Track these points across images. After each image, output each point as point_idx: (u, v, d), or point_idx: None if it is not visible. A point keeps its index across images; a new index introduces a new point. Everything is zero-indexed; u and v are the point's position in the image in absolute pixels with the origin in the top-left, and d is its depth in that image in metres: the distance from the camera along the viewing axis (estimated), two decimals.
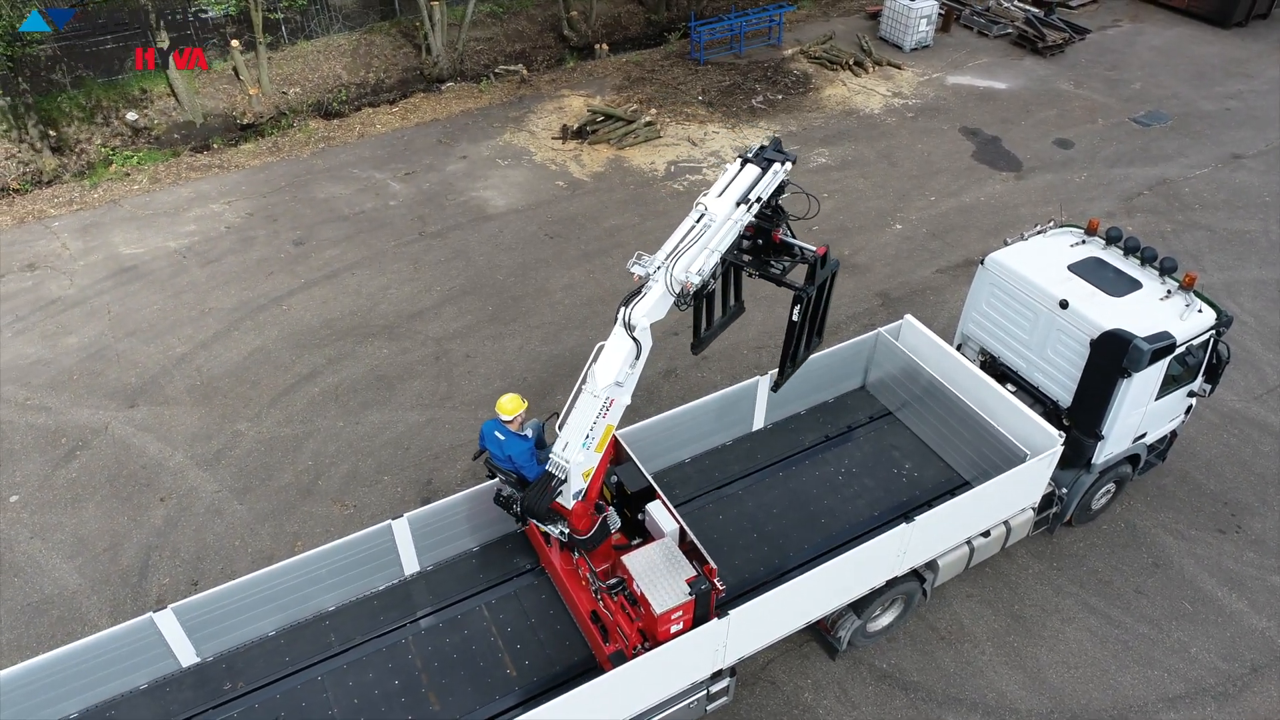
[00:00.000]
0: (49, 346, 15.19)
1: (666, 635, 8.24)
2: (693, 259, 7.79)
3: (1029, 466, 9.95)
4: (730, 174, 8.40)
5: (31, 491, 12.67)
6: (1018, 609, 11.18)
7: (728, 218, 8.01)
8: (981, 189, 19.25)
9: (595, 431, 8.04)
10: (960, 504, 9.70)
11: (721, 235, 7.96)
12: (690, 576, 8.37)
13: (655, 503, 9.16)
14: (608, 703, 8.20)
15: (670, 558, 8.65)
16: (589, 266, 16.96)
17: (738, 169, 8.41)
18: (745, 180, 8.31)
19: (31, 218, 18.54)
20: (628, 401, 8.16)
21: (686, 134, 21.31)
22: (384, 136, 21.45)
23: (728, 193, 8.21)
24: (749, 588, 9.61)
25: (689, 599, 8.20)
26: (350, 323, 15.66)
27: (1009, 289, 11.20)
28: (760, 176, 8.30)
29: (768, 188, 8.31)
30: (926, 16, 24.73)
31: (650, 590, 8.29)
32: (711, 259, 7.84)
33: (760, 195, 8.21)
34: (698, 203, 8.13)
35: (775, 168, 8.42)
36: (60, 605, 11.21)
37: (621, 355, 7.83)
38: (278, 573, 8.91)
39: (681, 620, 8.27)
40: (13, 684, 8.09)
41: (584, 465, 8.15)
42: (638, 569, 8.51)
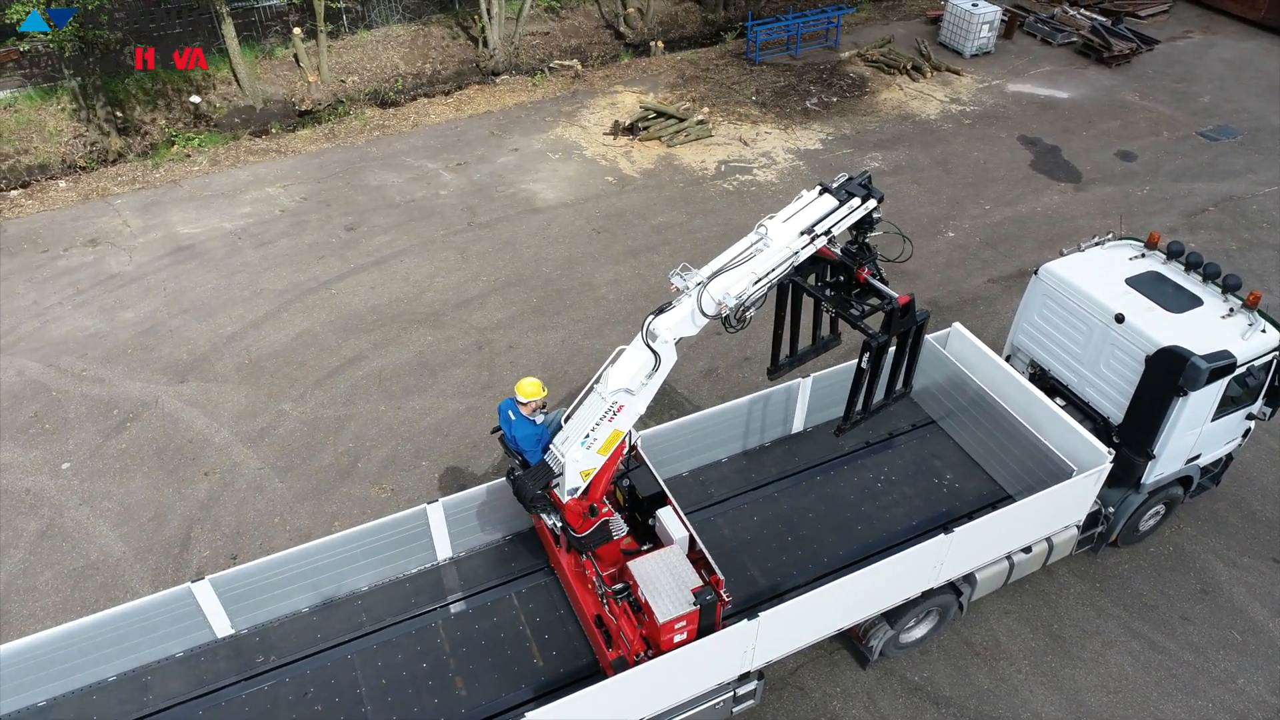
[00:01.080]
0: (106, 320, 15.58)
1: (670, 645, 8.09)
2: (734, 281, 7.46)
3: (1075, 483, 9.69)
4: (804, 201, 7.97)
5: (83, 460, 13.01)
6: (1057, 629, 10.91)
7: (785, 245, 7.64)
8: (1038, 199, 18.83)
9: (598, 433, 7.86)
10: (1002, 517, 9.49)
11: (772, 262, 7.58)
12: (696, 586, 8.18)
13: (666, 509, 8.94)
14: (632, 699, 8.16)
15: (677, 566, 8.43)
16: (635, 263, 16.93)
17: (814, 197, 7.98)
18: (817, 210, 7.87)
19: (95, 195, 19.05)
20: (641, 410, 7.91)
21: (738, 134, 21.18)
22: (437, 127, 21.66)
23: (795, 219, 7.81)
24: (781, 591, 9.50)
25: (693, 609, 8.02)
26: (397, 309, 15.83)
27: (1063, 301, 10.92)
28: (835, 209, 7.86)
29: (841, 223, 7.88)
30: (989, 22, 24.27)
31: (654, 598, 8.10)
32: (754, 284, 7.47)
33: (830, 229, 7.78)
34: (761, 223, 7.76)
35: (854, 202, 7.94)
36: (105, 571, 11.49)
37: (638, 364, 7.61)
38: (313, 550, 9.02)
39: (686, 630, 8.10)
40: (54, 645, 8.31)
41: (582, 464, 8.00)
42: (643, 575, 8.31)
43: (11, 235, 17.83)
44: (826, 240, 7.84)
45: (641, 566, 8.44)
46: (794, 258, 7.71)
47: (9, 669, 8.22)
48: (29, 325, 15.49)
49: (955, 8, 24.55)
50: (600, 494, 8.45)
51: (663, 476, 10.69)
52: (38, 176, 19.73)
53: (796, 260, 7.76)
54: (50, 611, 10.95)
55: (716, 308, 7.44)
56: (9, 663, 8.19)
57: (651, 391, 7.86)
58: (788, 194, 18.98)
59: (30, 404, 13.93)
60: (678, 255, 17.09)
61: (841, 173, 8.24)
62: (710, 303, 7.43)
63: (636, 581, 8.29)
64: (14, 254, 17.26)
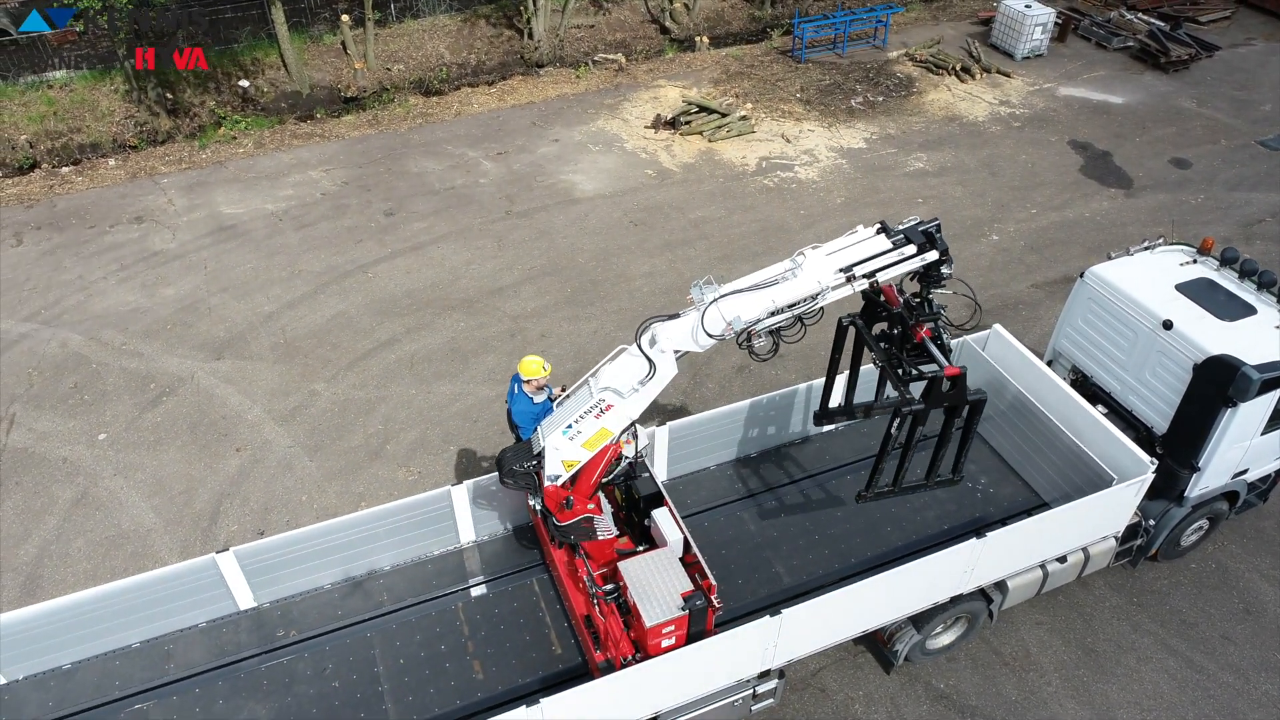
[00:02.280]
0: (147, 296, 15.82)
1: (657, 649, 7.88)
2: (747, 305, 7.10)
3: (1115, 492, 9.38)
4: (855, 237, 7.45)
5: (119, 431, 13.20)
6: (1090, 642, 10.59)
7: (816, 279, 7.19)
8: (1087, 205, 18.38)
9: (583, 426, 7.68)
10: (1037, 524, 9.22)
11: (796, 294, 7.15)
12: (687, 591, 7.95)
13: (661, 510, 8.68)
14: (650, 690, 8.05)
15: (669, 569, 8.20)
16: (671, 256, 16.81)
17: (868, 234, 7.42)
18: (865, 250, 7.36)
19: (143, 173, 19.37)
20: (633, 415, 7.70)
21: (781, 130, 20.95)
22: (480, 116, 21.71)
23: (838, 255, 7.35)
24: (805, 590, 9.32)
25: (682, 614, 7.81)
26: (431, 294, 15.87)
27: (1109, 305, 10.60)
28: (885, 252, 7.33)
29: (889, 270, 7.38)
30: (1042, 24, 23.77)
31: (643, 601, 7.88)
32: (770, 313, 7.07)
33: (874, 273, 7.29)
34: (801, 251, 7.39)
35: (907, 250, 7.31)
36: (135, 541, 11.63)
37: (632, 368, 7.38)
38: (337, 527, 9.03)
39: (674, 635, 7.89)
40: (83, 608, 8.40)
41: (563, 453, 7.86)
42: (634, 577, 8.10)
43: (61, 210, 18.19)
44: (868, 284, 7.32)
45: (632, 568, 8.21)
46: (822, 295, 7.21)
47: (36, 630, 8.32)
48: (73, 298, 15.77)
49: (1008, 9, 24.08)
50: (587, 490, 8.24)
51: (688, 470, 10.65)
52: (89, 155, 20.11)
53: (825, 299, 7.29)
54: (81, 578, 11.10)
55: (723, 328, 7.05)
56: (37, 624, 8.29)
57: (644, 399, 7.57)
58: (829, 192, 18.75)
59: (71, 375, 14.17)
60: (715, 250, 16.96)
61: (913, 216, 7.68)
62: (717, 322, 7.05)
63: (626, 583, 8.07)
64: (62, 229, 17.59)
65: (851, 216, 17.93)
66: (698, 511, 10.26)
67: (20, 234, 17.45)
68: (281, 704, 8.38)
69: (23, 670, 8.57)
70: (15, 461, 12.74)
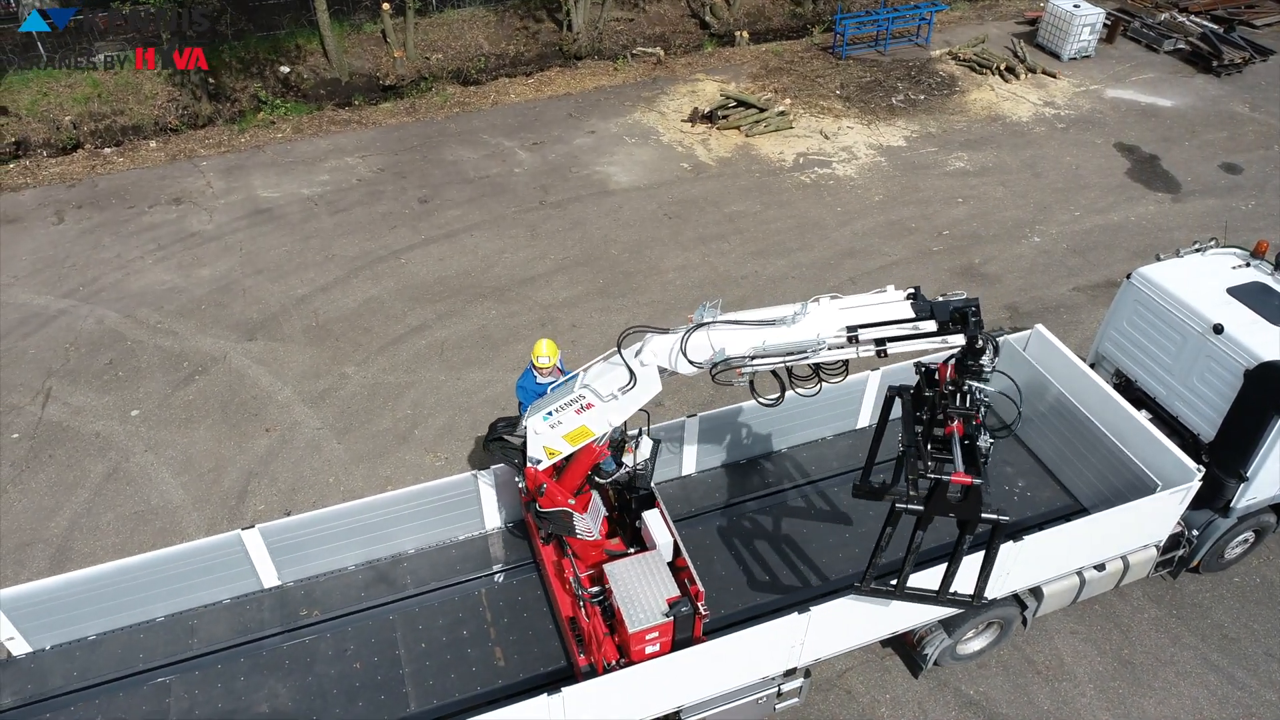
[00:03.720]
0: (184, 276, 15.94)
1: (641, 655, 7.65)
2: (735, 340, 6.62)
3: (1158, 499, 9.09)
4: (881, 297, 6.69)
5: (151, 408, 13.29)
6: (1127, 654, 10.28)
7: (816, 332, 6.51)
8: (1132, 208, 17.94)
9: (564, 418, 7.43)
10: (1075, 529, 8.96)
11: (788, 342, 6.59)
12: (673, 597, 7.70)
13: (652, 511, 8.42)
14: (672, 682, 7.91)
15: (657, 573, 7.96)
16: (704, 250, 16.65)
17: (895, 297, 6.63)
18: (880, 313, 6.59)
19: (183, 155, 19.55)
20: (614, 421, 7.40)
21: (819, 127, 20.70)
22: (516, 106, 21.68)
23: (850, 312, 6.61)
24: (834, 588, 9.12)
25: (666, 620, 7.55)
26: (463, 282, 15.84)
27: (1156, 308, 10.29)
28: (903, 322, 6.57)
29: (900, 341, 6.62)
30: (1091, 25, 23.28)
31: (627, 605, 7.64)
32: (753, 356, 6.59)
33: (883, 340, 6.57)
34: (816, 298, 6.72)
35: (925, 325, 6.47)
36: (163, 517, 11.69)
37: (613, 375, 7.09)
38: (363, 508, 8.98)
39: (659, 642, 7.66)
40: (110, 580, 8.41)
41: (543, 439, 7.64)
42: (620, 580, 7.86)
43: (102, 190, 18.40)
44: (874, 351, 6.54)
45: (619, 570, 7.97)
46: (818, 350, 6.57)
47: (64, 600, 8.36)
48: (111, 276, 15.94)
49: (1055, 8, 23.61)
50: (572, 486, 8.04)
51: (719, 461, 10.49)
52: (131, 136, 20.34)
53: (820, 355, 6.64)
54: (110, 551, 11.17)
55: (708, 356, 6.63)
56: (64, 594, 8.32)
57: (624, 408, 7.24)
58: (867, 190, 18.48)
59: (107, 351, 14.30)
60: (749, 245, 16.77)
61: (959, 292, 6.74)
62: (703, 349, 6.66)
63: (610, 586, 7.85)
64: (103, 208, 17.79)
65: (889, 215, 17.67)
66: (727, 505, 10.11)
67: (61, 212, 17.68)
68: (302, 683, 8.34)
69: (50, 640, 8.62)
70: (50, 435, 12.87)
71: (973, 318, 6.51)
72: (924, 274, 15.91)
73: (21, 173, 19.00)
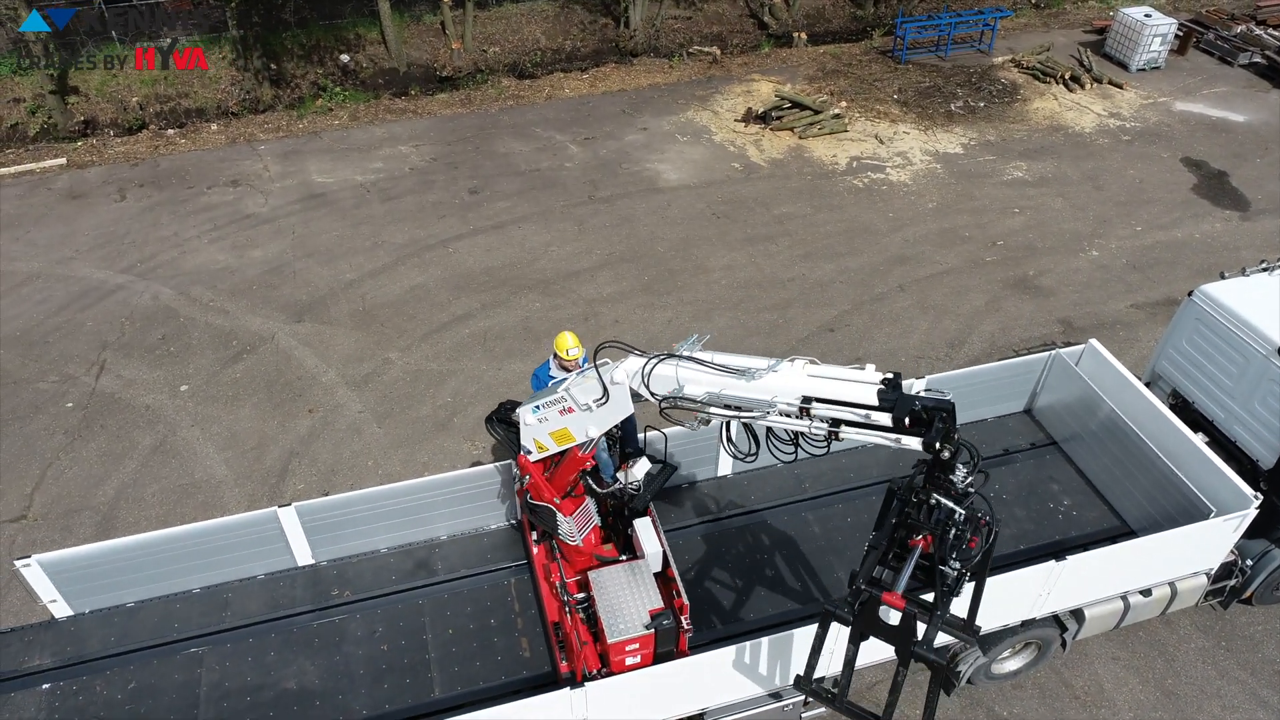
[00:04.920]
0: (237, 256, 16.24)
1: (621, 666, 7.47)
2: (696, 379, 6.30)
3: (1211, 525, 8.74)
4: (853, 375, 5.98)
5: (199, 384, 13.55)
6: (1170, 684, 9.93)
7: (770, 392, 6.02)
8: (1197, 225, 17.38)
9: (549, 414, 7.26)
10: (1123, 551, 8.66)
11: (741, 395, 6.16)
12: (656, 609, 7.51)
13: (644, 520, 8.23)
14: (697, 684, 7.82)
15: (643, 584, 7.79)
16: (751, 250, 16.50)
17: (870, 377, 5.92)
18: (842, 391, 5.93)
19: (243, 139, 19.94)
20: (591, 433, 7.18)
21: (875, 131, 20.40)
22: (570, 101, 21.72)
23: (814, 381, 6.01)
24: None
25: (647, 633, 7.36)
26: (509, 273, 15.90)
27: (1218, 327, 9.92)
28: (860, 408, 5.86)
29: (858, 433, 5.97)
30: (1162, 35, 22.61)
31: (609, 615, 7.49)
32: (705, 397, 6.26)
33: (836, 422, 5.98)
34: (794, 358, 6.21)
35: (878, 417, 5.78)
36: (206, 491, 11.91)
37: (589, 386, 6.92)
38: (398, 491, 9.03)
39: (640, 654, 7.48)
40: (150, 548, 8.57)
41: (532, 431, 7.48)
42: (604, 588, 7.71)
43: (163, 170, 18.84)
44: (826, 429, 5.98)
45: (604, 578, 7.83)
46: (764, 414, 6.11)
47: (105, 567, 8.54)
48: (168, 254, 16.30)
49: (1125, 18, 22.98)
50: (560, 487, 7.88)
51: (754, 466, 10.32)
52: (194, 119, 20.82)
53: (772, 419, 6.17)
54: (153, 522, 11.40)
55: (670, 389, 6.38)
56: (105, 560, 8.50)
57: (599, 421, 7.03)
58: (920, 196, 18.17)
59: (160, 327, 14.63)
60: (797, 247, 16.58)
61: (946, 394, 6.04)
62: (667, 381, 6.42)
63: (594, 594, 7.72)
64: (163, 188, 18.21)
65: (942, 222, 17.34)
66: (759, 509, 9.97)
67: (124, 190, 18.13)
68: (330, 661, 8.41)
69: (90, 605, 8.80)
70: (102, 405, 13.19)
71: (939, 424, 5.71)
72: (976, 284, 15.59)
73: (89, 150, 19.54)
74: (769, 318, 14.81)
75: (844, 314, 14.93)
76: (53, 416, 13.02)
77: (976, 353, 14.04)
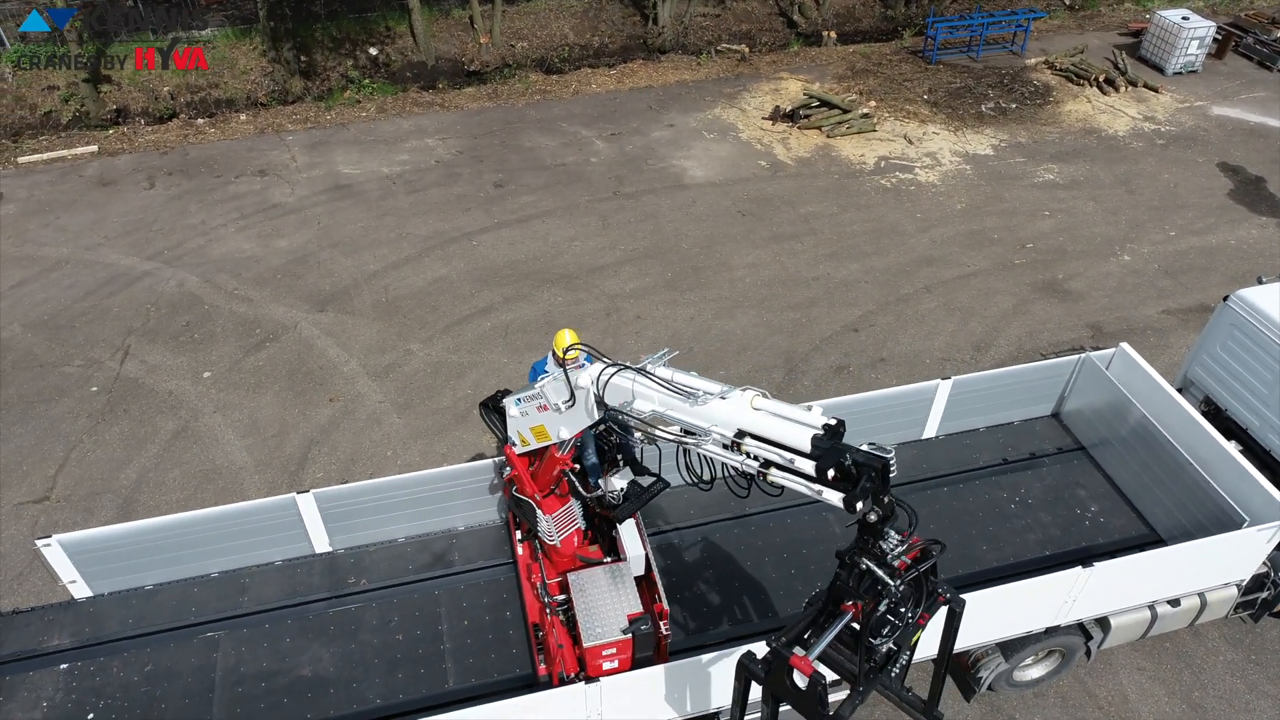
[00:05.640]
0: (262, 245, 16.32)
1: (598, 670, 7.31)
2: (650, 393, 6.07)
3: (1244, 535, 8.52)
4: (798, 415, 5.49)
5: (222, 371, 13.62)
6: (1197, 697, 9.71)
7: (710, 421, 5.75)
8: (1233, 231, 17.03)
9: (528, 409, 7.16)
10: (1152, 559, 8.47)
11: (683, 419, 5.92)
12: (635, 613, 7.34)
13: (628, 521, 8.07)
14: (714, 681, 7.71)
15: (623, 587, 7.62)
16: (776, 249, 16.36)
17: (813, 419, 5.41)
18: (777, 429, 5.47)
19: (271, 129, 20.05)
20: (564, 435, 7.02)
21: (904, 131, 20.18)
22: (597, 96, 21.67)
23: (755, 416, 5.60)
24: None
25: (624, 637, 7.19)
26: (532, 267, 15.87)
27: (1254, 333, 9.68)
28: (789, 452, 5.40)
29: (784, 477, 5.48)
30: (1199, 39, 22.21)
31: (586, 618, 7.34)
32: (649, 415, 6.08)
33: (766, 463, 5.56)
34: (746, 388, 5.82)
35: (803, 464, 5.32)
36: (226, 477, 11.95)
37: (558, 387, 6.81)
38: (416, 480, 8.99)
39: (616, 659, 7.32)
40: (169, 531, 8.59)
41: (516, 424, 7.40)
42: (583, 590, 7.56)
43: (193, 159, 18.98)
44: (756, 467, 5.58)
45: (584, 580, 7.68)
46: (700, 442, 5.85)
47: (125, 548, 8.56)
48: (194, 242, 16.41)
49: (1162, 20, 22.59)
50: (541, 483, 7.75)
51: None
52: (223, 109, 20.96)
53: (701, 447, 5.88)
54: (173, 506, 11.45)
55: (621, 401, 6.22)
56: (126, 542, 8.53)
57: (569, 423, 6.88)
58: (949, 197, 17.95)
59: (185, 314, 14.72)
60: (822, 246, 16.42)
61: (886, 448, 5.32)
62: (622, 392, 6.25)
63: (572, 596, 7.58)
64: (191, 176, 18.35)
65: (971, 224, 17.12)
66: (784, 507, 9.84)
67: (153, 178, 18.29)
68: (345, 650, 8.39)
69: (109, 586, 8.84)
70: (126, 390, 13.28)
71: (867, 481, 5.13)
72: (1004, 286, 15.36)
73: (120, 138, 19.72)
74: (793, 316, 14.68)
75: (869, 314, 14.76)
76: (77, 400, 13.13)
77: (1003, 356, 13.83)
